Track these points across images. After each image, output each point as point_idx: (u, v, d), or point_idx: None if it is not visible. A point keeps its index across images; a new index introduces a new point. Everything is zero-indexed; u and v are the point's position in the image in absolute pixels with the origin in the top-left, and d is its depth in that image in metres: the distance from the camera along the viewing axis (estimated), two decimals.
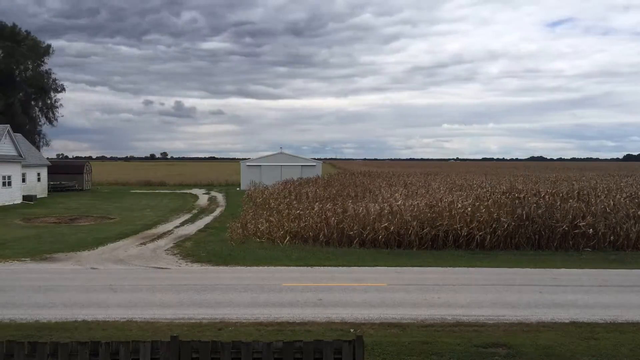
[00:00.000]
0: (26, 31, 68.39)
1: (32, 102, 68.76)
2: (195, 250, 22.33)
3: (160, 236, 26.44)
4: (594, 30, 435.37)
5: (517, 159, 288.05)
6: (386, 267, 18.83)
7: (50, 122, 70.18)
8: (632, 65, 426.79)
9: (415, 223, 23.03)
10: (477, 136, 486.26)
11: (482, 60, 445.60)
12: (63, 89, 70.48)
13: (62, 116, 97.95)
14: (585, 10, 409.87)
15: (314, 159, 68.35)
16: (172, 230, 28.80)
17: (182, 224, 31.64)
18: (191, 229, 29.38)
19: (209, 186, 69.46)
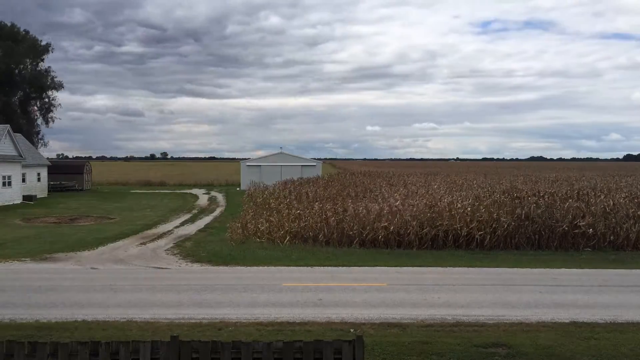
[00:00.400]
0: (25, 30, 68.44)
1: (31, 102, 68.70)
2: (195, 250, 22.33)
3: (160, 236, 26.44)
4: (526, 30, 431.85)
5: (517, 159, 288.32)
6: (386, 267, 18.82)
7: (47, 122, 70.11)
8: (580, 65, 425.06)
9: (415, 223, 23.04)
10: (459, 136, 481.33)
11: (427, 60, 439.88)
12: (62, 86, 70.43)
13: (60, 119, 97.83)
14: (508, 12, 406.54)
15: (314, 159, 68.37)
16: (172, 230, 28.80)
17: (182, 224, 31.64)
18: (191, 229, 29.38)
19: (209, 186, 69.46)
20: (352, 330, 11.49)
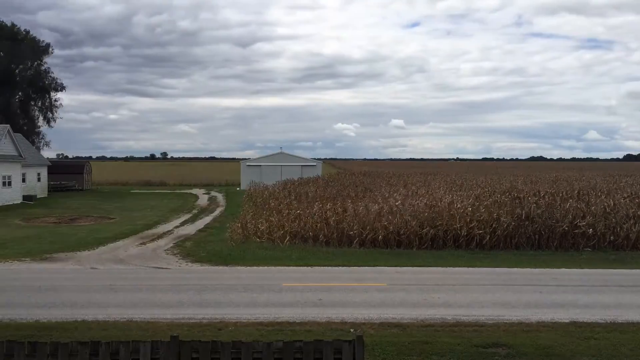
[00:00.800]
0: (25, 30, 68.39)
1: (32, 102, 68.65)
2: (195, 250, 22.33)
3: (161, 236, 26.44)
4: (456, 32, 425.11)
5: (516, 159, 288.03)
6: (386, 267, 18.82)
7: (49, 122, 70.06)
8: (534, 64, 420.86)
9: (415, 223, 23.04)
10: (435, 136, 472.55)
11: (371, 62, 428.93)
12: (63, 88, 70.39)
13: (62, 118, 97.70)
14: (433, 16, 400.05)
15: (314, 159, 68.37)
16: (172, 230, 28.80)
17: (182, 224, 31.64)
18: (191, 228, 29.38)
19: (209, 186, 69.47)
20: (352, 330, 11.48)
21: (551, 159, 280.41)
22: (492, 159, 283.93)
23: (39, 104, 69.63)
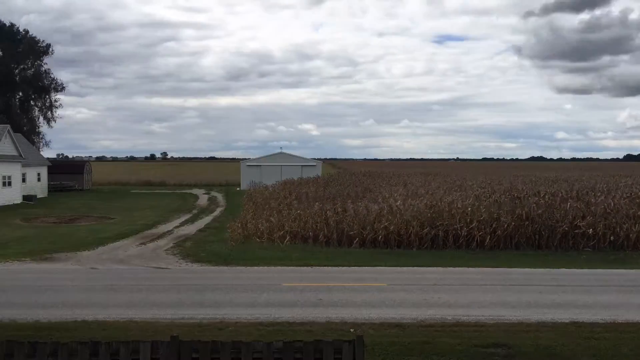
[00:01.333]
0: (25, 30, 68.39)
1: (32, 102, 68.65)
2: (195, 250, 22.34)
3: (161, 236, 26.45)
4: (372, 30, 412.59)
5: (516, 159, 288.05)
6: (386, 267, 18.83)
7: (49, 122, 70.07)
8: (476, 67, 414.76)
9: (415, 223, 23.04)
10: (407, 136, 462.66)
11: (303, 61, 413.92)
12: (63, 88, 70.39)
13: (62, 118, 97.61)
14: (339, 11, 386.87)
15: (314, 159, 68.40)
16: (172, 230, 28.81)
17: (182, 224, 31.65)
18: (191, 229, 29.39)
19: (209, 186, 69.48)
20: (352, 330, 11.48)
21: (551, 159, 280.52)
22: (492, 159, 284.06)
23: (39, 104, 69.65)
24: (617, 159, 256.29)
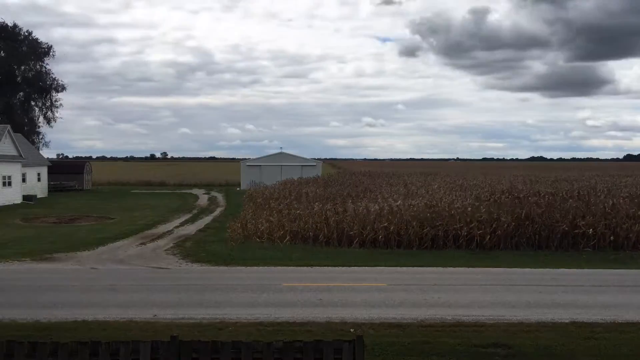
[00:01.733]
0: (27, 31, 68.44)
1: (32, 102, 68.66)
2: (195, 250, 22.34)
3: (160, 236, 26.45)
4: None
5: (516, 159, 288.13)
6: (386, 267, 18.83)
7: (49, 122, 70.07)
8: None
9: (415, 223, 23.04)
10: (376, 136, 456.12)
11: (237, 61, 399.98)
12: (64, 89, 70.40)
13: (62, 118, 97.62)
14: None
15: (315, 159, 68.41)
16: (172, 230, 28.81)
17: (182, 224, 31.65)
18: (191, 229, 29.38)
19: (209, 186, 69.45)
20: (352, 330, 11.49)
21: (551, 159, 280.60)
22: (492, 159, 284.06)
23: (40, 104, 69.67)
24: (617, 159, 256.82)
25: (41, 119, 69.73)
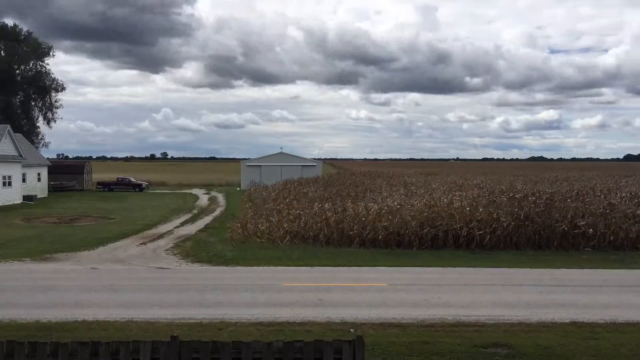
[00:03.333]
0: (28, 31, 68.44)
1: (32, 102, 68.64)
2: (195, 250, 22.34)
3: (161, 236, 26.44)
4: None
5: (516, 159, 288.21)
6: (386, 267, 18.82)
7: (48, 122, 70.08)
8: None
9: (414, 223, 23.03)
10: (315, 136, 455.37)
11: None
12: (63, 89, 70.39)
13: (62, 118, 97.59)
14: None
15: (315, 159, 68.42)
16: (172, 230, 28.80)
17: (183, 224, 31.65)
18: (191, 229, 29.38)
19: (209, 186, 69.45)
20: (352, 330, 11.49)
21: (551, 159, 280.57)
22: (491, 159, 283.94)
23: (40, 104, 69.66)
24: (618, 159, 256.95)
25: (41, 119, 69.79)
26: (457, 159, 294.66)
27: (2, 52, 65.35)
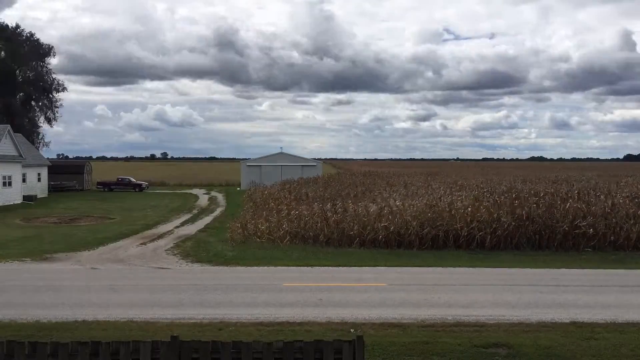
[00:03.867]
0: (29, 32, 68.48)
1: (32, 103, 68.65)
2: (195, 250, 22.33)
3: (161, 236, 26.44)
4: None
5: (517, 159, 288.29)
6: (386, 267, 18.82)
7: (49, 122, 70.15)
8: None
9: (415, 223, 23.03)
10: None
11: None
12: (64, 89, 70.41)
13: (62, 116, 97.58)
14: None
15: (315, 159, 68.42)
16: (172, 230, 28.80)
17: (183, 224, 31.64)
18: (191, 229, 29.38)
19: (209, 186, 69.46)
20: (352, 330, 11.48)
21: (551, 159, 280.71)
22: (492, 159, 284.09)
23: (40, 104, 69.68)
24: (618, 159, 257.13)
25: (42, 119, 69.81)
26: (457, 159, 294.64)
27: (2, 52, 65.36)
